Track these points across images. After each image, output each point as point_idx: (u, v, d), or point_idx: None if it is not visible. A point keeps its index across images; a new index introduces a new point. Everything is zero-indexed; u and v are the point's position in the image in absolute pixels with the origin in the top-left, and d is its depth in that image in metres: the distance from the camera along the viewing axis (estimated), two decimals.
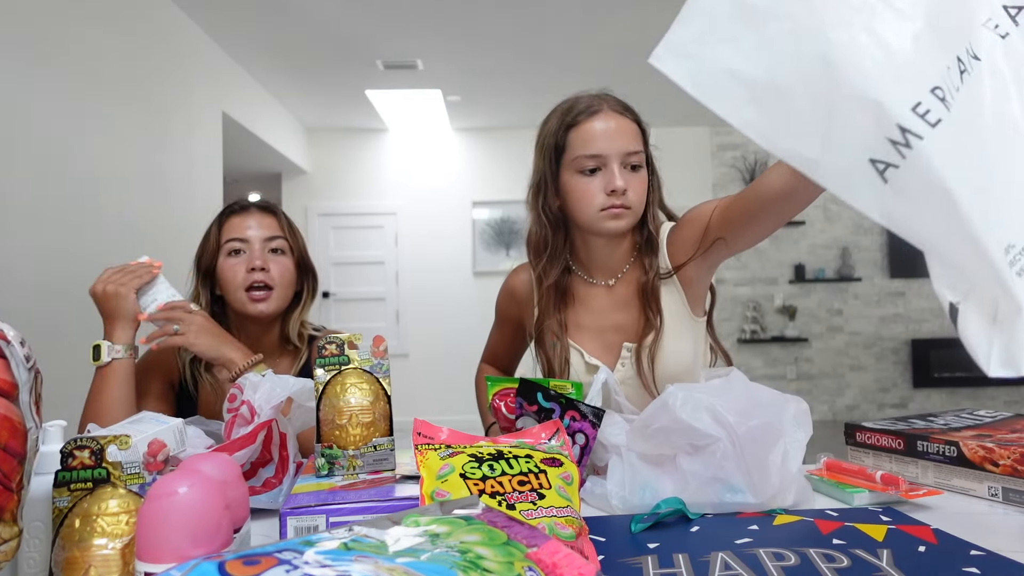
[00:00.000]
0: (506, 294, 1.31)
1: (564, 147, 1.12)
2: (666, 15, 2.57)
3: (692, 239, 1.12)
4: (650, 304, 1.14)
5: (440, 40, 3.87)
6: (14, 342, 0.52)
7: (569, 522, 0.62)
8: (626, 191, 1.08)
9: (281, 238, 1.25)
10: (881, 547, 0.66)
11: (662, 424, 0.81)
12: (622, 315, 1.18)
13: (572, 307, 1.20)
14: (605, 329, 1.18)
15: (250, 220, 1.24)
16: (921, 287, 5.92)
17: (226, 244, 1.22)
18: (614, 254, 1.18)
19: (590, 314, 1.20)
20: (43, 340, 2.23)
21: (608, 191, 1.08)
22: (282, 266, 1.24)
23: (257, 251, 1.21)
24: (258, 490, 0.86)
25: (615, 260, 1.18)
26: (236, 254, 1.22)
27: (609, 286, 1.20)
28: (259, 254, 1.21)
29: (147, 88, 3.06)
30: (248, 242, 1.22)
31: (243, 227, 1.23)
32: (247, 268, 1.20)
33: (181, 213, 3.32)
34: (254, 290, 1.20)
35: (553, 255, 1.18)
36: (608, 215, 1.09)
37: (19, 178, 2.21)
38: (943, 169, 0.50)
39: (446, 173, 5.91)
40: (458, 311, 5.85)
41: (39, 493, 0.57)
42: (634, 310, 1.17)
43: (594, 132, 1.09)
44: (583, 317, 1.20)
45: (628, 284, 1.18)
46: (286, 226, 1.28)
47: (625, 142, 1.09)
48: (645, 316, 1.14)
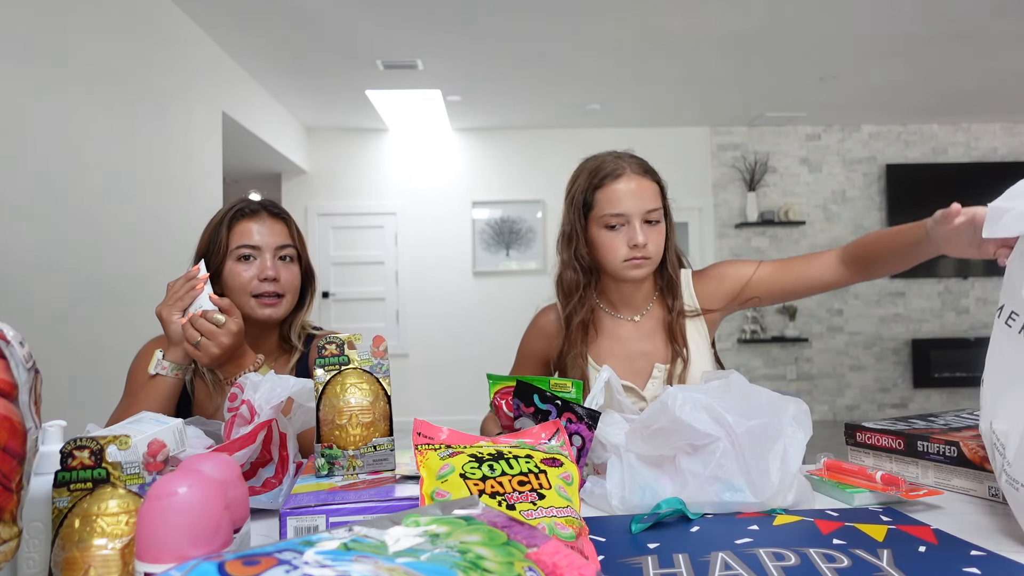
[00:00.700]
0: (537, 333, 1.42)
1: (592, 205, 1.30)
2: (666, 15, 2.58)
3: (726, 294, 1.33)
4: (676, 338, 1.32)
5: (440, 40, 3.87)
6: (14, 342, 0.52)
7: (569, 522, 0.62)
8: (646, 244, 1.25)
9: (291, 246, 1.26)
10: (881, 547, 0.66)
11: (662, 425, 0.81)
12: (648, 344, 1.34)
13: (596, 341, 1.36)
14: (633, 355, 1.34)
15: (262, 226, 1.24)
16: (921, 287, 5.93)
17: (236, 249, 1.21)
18: (637, 294, 1.35)
19: (618, 343, 1.36)
20: (43, 340, 2.23)
21: (631, 245, 1.25)
22: (291, 273, 1.25)
23: (269, 260, 1.22)
24: (258, 490, 0.86)
25: (639, 299, 1.36)
26: (246, 260, 1.22)
27: (635, 321, 1.36)
28: (271, 263, 1.21)
29: (147, 88, 3.06)
30: (259, 249, 1.22)
31: (254, 233, 1.23)
32: (259, 276, 1.20)
33: (181, 213, 3.32)
34: (264, 296, 1.21)
35: (583, 296, 1.34)
36: (630, 265, 1.26)
37: (19, 178, 2.21)
38: None
39: (446, 173, 5.91)
40: (458, 311, 5.85)
41: (39, 493, 0.57)
42: (659, 340, 1.34)
43: (618, 193, 1.26)
44: (612, 346, 1.36)
45: (652, 319, 1.36)
46: (296, 233, 1.28)
47: (645, 202, 1.26)
48: (672, 348, 1.32)
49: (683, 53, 4.14)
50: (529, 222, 5.89)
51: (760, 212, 5.83)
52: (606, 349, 1.35)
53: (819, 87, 4.86)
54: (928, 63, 4.40)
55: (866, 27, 3.79)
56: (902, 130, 5.95)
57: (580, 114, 5.47)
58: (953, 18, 3.69)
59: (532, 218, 5.90)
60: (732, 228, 5.89)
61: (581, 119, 5.61)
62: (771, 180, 5.91)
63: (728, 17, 3.63)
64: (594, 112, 5.41)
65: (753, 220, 5.80)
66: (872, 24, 3.76)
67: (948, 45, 4.08)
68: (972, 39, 3.99)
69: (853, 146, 5.94)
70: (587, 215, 1.31)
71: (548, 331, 1.40)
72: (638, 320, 1.36)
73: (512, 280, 5.89)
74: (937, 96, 5.16)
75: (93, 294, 2.59)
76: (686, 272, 1.37)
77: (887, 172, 5.86)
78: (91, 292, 2.58)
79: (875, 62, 4.37)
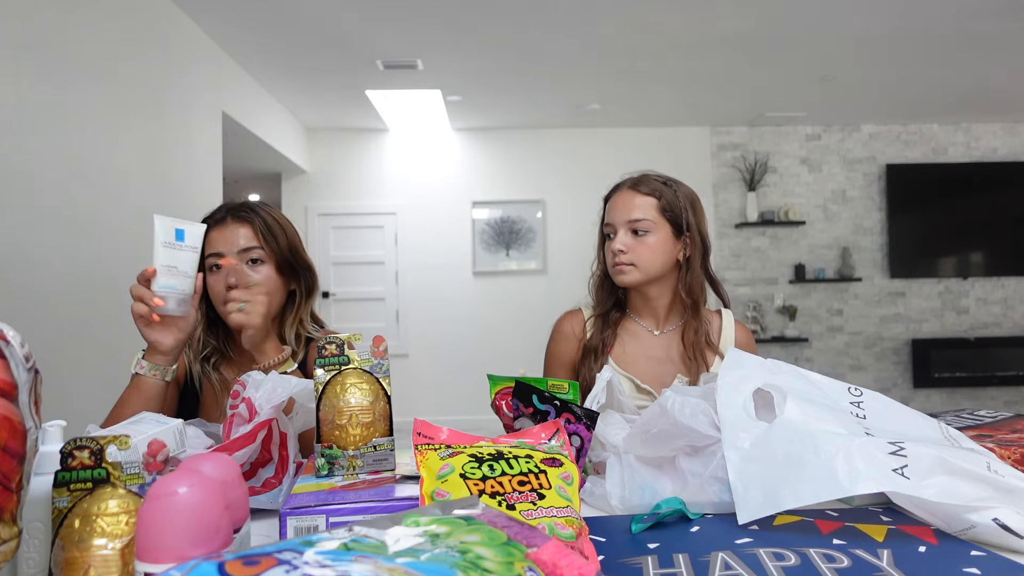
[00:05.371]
0: (560, 337, 1.48)
1: (604, 215, 1.45)
2: (666, 15, 2.58)
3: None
4: (696, 358, 1.37)
5: (440, 40, 3.87)
6: (14, 342, 0.52)
7: (569, 522, 0.62)
8: (625, 252, 1.35)
9: (257, 248, 1.23)
10: (881, 547, 0.66)
11: (661, 428, 0.81)
12: (670, 352, 1.41)
13: (619, 340, 1.43)
14: (651, 359, 1.41)
15: (225, 233, 1.22)
16: (921, 287, 5.93)
17: (207, 259, 1.21)
18: (651, 303, 1.43)
19: (641, 347, 1.42)
20: (43, 340, 2.23)
21: (614, 251, 1.36)
22: (262, 275, 1.22)
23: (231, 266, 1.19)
24: (258, 490, 0.86)
25: (658, 309, 1.43)
26: (217, 269, 1.21)
27: (661, 334, 1.43)
28: (233, 270, 1.18)
29: (147, 88, 3.06)
30: (224, 257, 1.21)
31: (219, 242, 1.22)
32: (225, 285, 1.18)
33: (181, 213, 3.28)
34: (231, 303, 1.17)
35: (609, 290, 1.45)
36: (616, 271, 1.38)
37: (17, 178, 2.21)
38: None
39: (446, 173, 5.91)
40: (458, 311, 5.85)
41: (39, 493, 0.57)
42: (679, 352, 1.41)
43: (611, 206, 1.41)
44: (635, 349, 1.42)
45: (676, 336, 1.42)
46: (261, 232, 1.24)
47: (628, 212, 1.36)
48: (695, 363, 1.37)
49: (683, 53, 4.14)
50: (529, 222, 5.89)
51: (760, 212, 5.83)
52: (626, 353, 1.41)
53: (819, 87, 4.86)
54: (928, 63, 4.40)
55: (866, 27, 3.79)
56: (902, 130, 5.95)
57: (580, 114, 5.47)
58: (953, 18, 3.69)
59: (532, 218, 5.90)
60: (732, 228, 5.89)
61: (581, 119, 5.61)
62: (771, 180, 5.91)
63: (728, 17, 3.63)
64: (594, 112, 5.41)
65: (753, 220, 5.80)
66: (872, 24, 3.76)
67: (948, 45, 4.08)
68: (972, 39, 3.99)
69: (853, 146, 5.94)
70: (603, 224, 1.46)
71: (575, 328, 1.46)
72: (663, 334, 1.43)
73: (512, 280, 5.89)
74: (937, 96, 5.16)
75: (93, 294, 2.59)
76: (729, 314, 1.46)
77: (887, 172, 5.86)
78: (91, 292, 2.58)
79: (875, 62, 4.37)
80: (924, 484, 0.68)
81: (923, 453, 0.70)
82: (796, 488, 0.71)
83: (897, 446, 0.71)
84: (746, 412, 0.82)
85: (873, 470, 0.69)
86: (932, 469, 0.69)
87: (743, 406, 0.83)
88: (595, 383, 1.02)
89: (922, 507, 0.71)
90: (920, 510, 0.72)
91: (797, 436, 0.75)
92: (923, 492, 0.68)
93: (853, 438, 0.73)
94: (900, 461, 0.70)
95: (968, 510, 0.67)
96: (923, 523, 0.73)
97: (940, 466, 0.69)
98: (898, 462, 0.70)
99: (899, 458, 0.70)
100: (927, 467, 0.69)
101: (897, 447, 0.71)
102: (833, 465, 0.70)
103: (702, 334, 1.38)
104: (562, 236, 5.83)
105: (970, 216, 5.83)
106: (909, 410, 0.87)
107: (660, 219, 1.36)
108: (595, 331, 1.43)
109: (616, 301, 1.46)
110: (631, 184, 1.40)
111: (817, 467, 0.71)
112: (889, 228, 5.87)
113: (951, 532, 0.70)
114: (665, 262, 1.37)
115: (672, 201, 1.37)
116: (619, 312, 1.46)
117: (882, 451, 0.71)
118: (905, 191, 5.83)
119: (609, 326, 1.42)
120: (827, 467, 0.71)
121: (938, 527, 0.71)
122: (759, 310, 5.86)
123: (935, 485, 0.68)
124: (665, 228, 1.36)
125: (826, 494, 0.69)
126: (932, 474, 0.69)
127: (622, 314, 1.46)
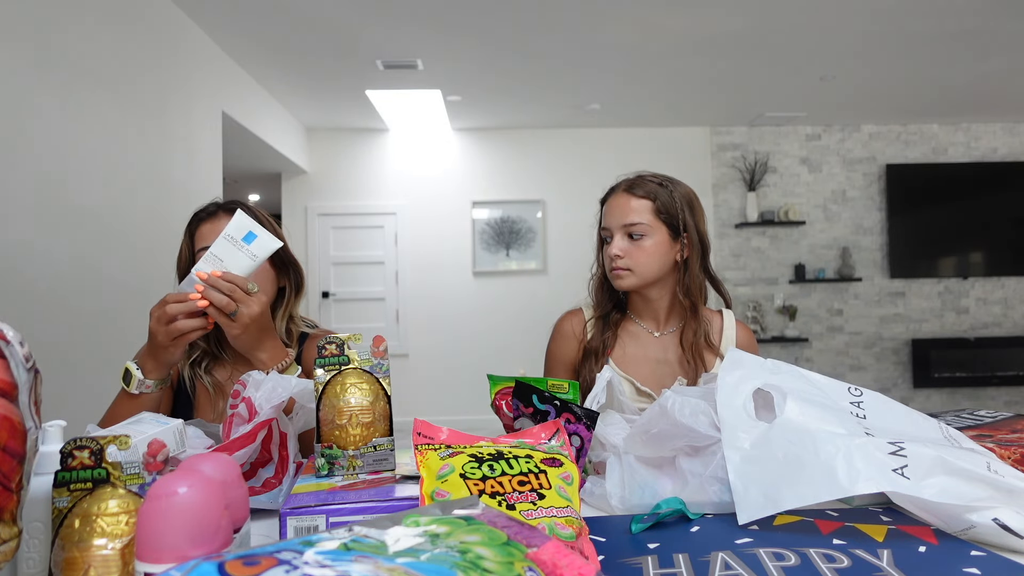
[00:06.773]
0: (561, 336, 1.47)
1: (600, 218, 1.43)
2: (666, 15, 2.58)
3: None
4: (694, 360, 1.36)
5: (440, 40, 3.87)
6: (14, 342, 0.52)
7: (569, 522, 0.62)
8: (621, 257, 1.34)
9: None
10: (881, 547, 0.66)
11: (661, 428, 0.81)
12: (669, 354, 1.40)
13: (620, 342, 1.42)
14: (650, 361, 1.40)
15: (218, 227, 1.20)
16: (921, 287, 5.93)
17: (196, 254, 1.21)
18: (651, 304, 1.42)
19: (642, 348, 1.41)
20: (43, 340, 2.23)
21: (611, 256, 1.35)
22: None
23: None
24: (258, 490, 0.86)
25: (658, 311, 1.42)
26: None
27: (660, 336, 1.42)
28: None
29: (147, 88, 3.06)
30: None
31: (208, 236, 1.20)
32: None
33: (181, 213, 3.29)
34: None
35: (608, 292, 1.44)
36: (613, 275, 1.37)
37: (18, 178, 2.21)
38: None
39: (446, 173, 5.91)
40: (458, 311, 5.85)
41: (39, 493, 0.57)
42: (679, 354, 1.40)
43: (607, 209, 1.40)
44: (636, 350, 1.41)
45: (675, 339, 1.41)
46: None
47: (624, 216, 1.35)
48: (694, 364, 1.37)
49: (683, 53, 4.14)
50: (529, 222, 5.89)
51: (760, 212, 5.83)
52: (627, 354, 1.40)
53: (819, 87, 4.86)
54: (928, 63, 4.40)
55: (866, 27, 3.79)
56: (902, 130, 5.95)
57: (580, 114, 5.47)
58: (952, 18, 3.69)
59: (532, 218, 5.90)
60: (732, 228, 5.89)
61: (581, 119, 5.61)
62: (771, 180, 5.91)
63: (728, 17, 3.63)
64: (594, 112, 5.41)
65: (753, 220, 5.80)
66: (872, 24, 3.76)
67: (948, 45, 4.08)
68: (972, 39, 3.99)
69: (853, 146, 5.94)
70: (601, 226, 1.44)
71: (575, 327, 1.45)
72: (663, 335, 1.42)
73: (512, 280, 5.89)
74: (937, 96, 5.16)
75: (93, 294, 2.59)
76: (730, 314, 1.45)
77: (887, 172, 5.86)
78: (91, 292, 2.58)
79: (875, 62, 4.37)
80: (924, 484, 0.68)
81: (923, 453, 0.70)
82: (796, 488, 0.71)
83: (897, 446, 0.71)
84: (746, 412, 0.82)
85: (873, 470, 0.69)
86: (932, 469, 0.69)
87: (743, 406, 0.83)
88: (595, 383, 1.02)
89: (922, 507, 0.71)
90: (920, 510, 0.72)
91: (797, 436, 0.75)
92: (923, 492, 0.68)
93: (853, 438, 0.73)
94: (900, 461, 0.70)
95: (968, 510, 0.67)
96: (923, 523, 0.73)
97: (940, 466, 0.69)
98: (898, 462, 0.70)
99: (899, 458, 0.70)
100: (927, 467, 0.69)
101: (897, 447, 0.71)
102: (833, 465, 0.70)
103: (701, 335, 1.37)
104: (562, 236, 5.83)
105: (970, 216, 5.83)
106: (909, 410, 0.87)
107: (656, 222, 1.35)
108: (595, 333, 1.42)
109: (616, 302, 1.45)
110: (626, 187, 1.39)
111: (817, 467, 0.71)
112: (889, 228, 5.87)
113: (951, 532, 0.70)
114: (663, 265, 1.36)
115: (668, 203, 1.35)
116: (619, 313, 1.45)
117: (882, 451, 0.71)
118: (905, 191, 5.83)
119: (609, 328, 1.42)
120: (827, 467, 0.71)
121: (938, 527, 0.71)
122: (759, 310, 5.86)
123: (935, 485, 0.68)
124: (661, 230, 1.35)
125: (826, 494, 0.69)
126: (932, 474, 0.69)
127: (622, 315, 1.45)
